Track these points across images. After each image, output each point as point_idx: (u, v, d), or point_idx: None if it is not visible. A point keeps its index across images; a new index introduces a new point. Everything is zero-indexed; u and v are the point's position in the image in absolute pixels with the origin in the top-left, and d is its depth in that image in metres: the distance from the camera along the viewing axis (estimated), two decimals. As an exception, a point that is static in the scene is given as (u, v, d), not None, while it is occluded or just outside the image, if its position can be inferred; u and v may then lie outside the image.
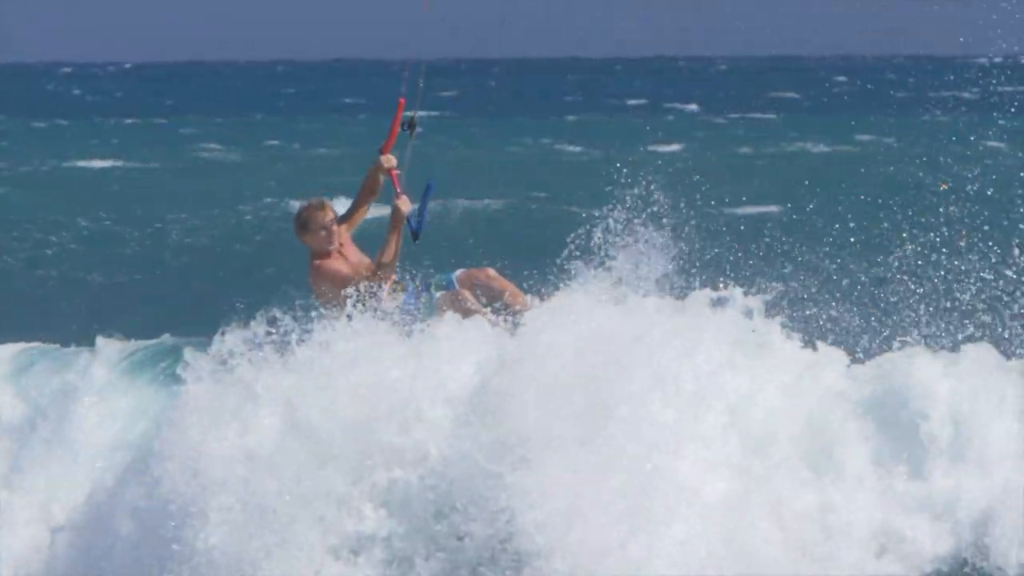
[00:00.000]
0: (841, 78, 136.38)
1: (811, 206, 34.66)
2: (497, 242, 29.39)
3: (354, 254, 12.88)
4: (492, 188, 37.73)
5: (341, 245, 12.83)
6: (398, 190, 12.71)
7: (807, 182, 39.55)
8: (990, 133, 56.86)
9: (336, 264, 12.74)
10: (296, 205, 13.33)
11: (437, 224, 29.71)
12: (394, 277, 12.66)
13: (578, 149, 52.13)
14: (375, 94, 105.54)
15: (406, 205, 12.70)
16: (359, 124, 67.45)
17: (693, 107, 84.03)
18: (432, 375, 11.63)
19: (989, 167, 43.93)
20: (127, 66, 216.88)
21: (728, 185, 39.70)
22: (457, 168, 43.36)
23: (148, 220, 32.38)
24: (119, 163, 47.54)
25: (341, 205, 13.07)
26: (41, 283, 26.40)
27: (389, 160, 12.82)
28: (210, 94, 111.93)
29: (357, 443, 11.47)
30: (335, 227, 12.76)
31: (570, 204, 34.86)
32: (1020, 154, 47.09)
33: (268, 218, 33.05)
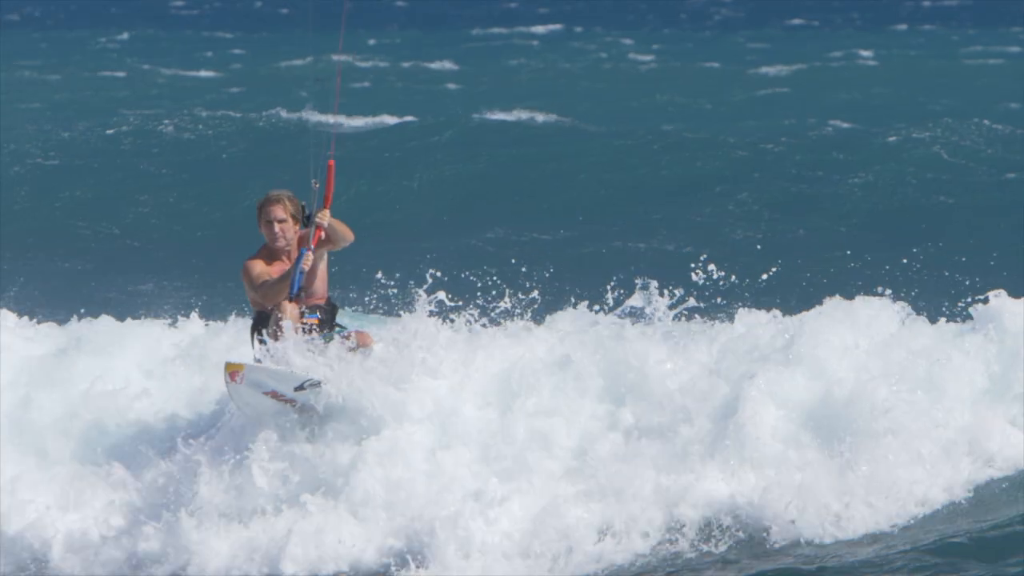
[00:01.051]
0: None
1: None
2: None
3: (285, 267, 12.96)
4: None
5: (289, 250, 12.87)
6: (312, 245, 12.83)
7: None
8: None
9: (252, 266, 12.79)
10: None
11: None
12: (309, 319, 12.86)
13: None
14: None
15: (308, 263, 12.76)
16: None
17: (796, 21, 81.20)
18: None
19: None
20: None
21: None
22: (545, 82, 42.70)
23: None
24: (220, 74, 47.52)
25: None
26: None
27: (324, 216, 12.81)
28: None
29: None
30: (282, 226, 12.80)
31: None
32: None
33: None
